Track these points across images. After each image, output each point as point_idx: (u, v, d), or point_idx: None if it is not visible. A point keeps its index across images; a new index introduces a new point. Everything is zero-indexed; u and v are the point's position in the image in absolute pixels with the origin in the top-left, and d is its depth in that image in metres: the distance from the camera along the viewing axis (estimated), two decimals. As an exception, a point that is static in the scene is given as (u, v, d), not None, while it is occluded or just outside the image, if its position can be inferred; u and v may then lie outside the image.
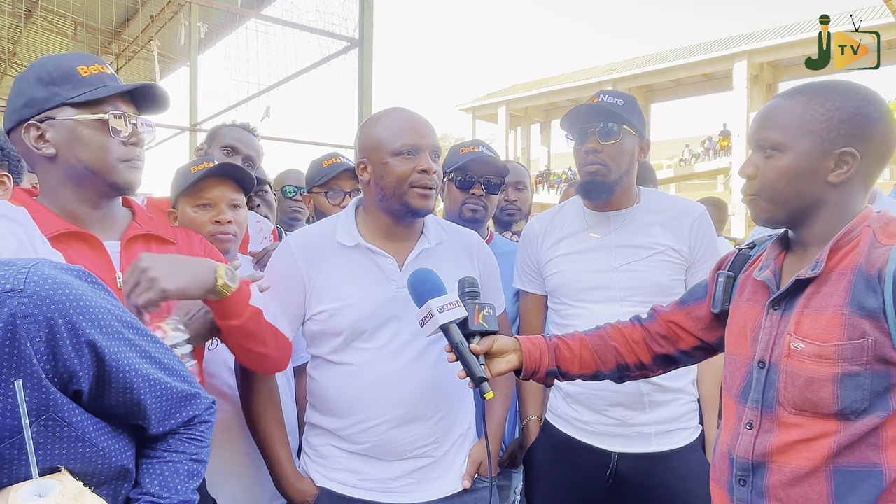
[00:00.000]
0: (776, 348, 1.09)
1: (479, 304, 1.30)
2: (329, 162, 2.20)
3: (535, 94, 29.92)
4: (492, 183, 2.04)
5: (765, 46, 22.74)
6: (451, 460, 1.53)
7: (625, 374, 1.40)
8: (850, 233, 1.06)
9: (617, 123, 1.68)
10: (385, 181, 1.44)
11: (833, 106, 1.05)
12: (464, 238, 1.63)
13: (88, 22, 10.81)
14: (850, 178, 1.06)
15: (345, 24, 5.87)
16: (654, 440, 1.70)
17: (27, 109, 1.19)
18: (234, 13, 6.42)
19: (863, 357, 0.98)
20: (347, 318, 1.44)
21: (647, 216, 1.75)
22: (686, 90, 27.77)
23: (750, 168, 1.14)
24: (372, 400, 1.44)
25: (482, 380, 1.23)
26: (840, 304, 1.02)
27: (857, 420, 0.99)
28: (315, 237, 1.53)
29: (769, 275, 1.15)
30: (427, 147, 1.45)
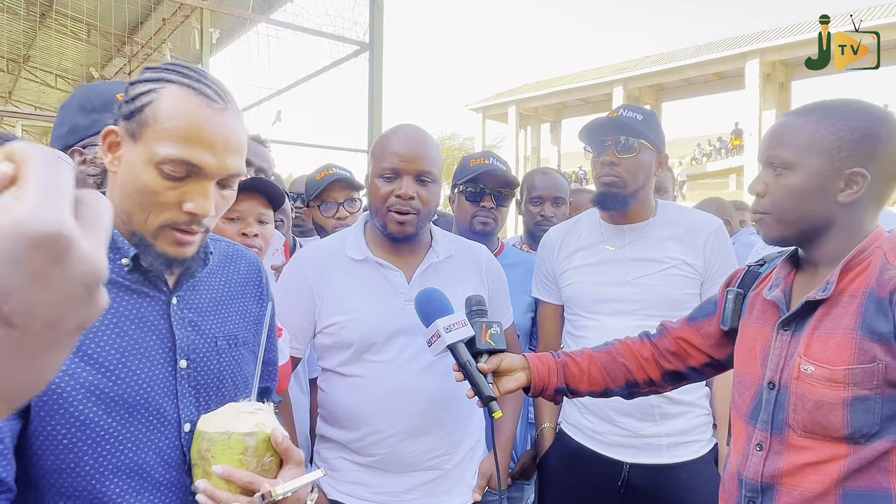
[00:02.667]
0: (786, 370, 1.09)
1: (487, 323, 1.30)
2: (322, 174, 2.19)
3: (546, 94, 29.82)
4: (502, 195, 2.05)
5: (777, 45, 22.54)
6: (461, 473, 1.54)
7: (634, 390, 1.40)
8: (860, 253, 1.05)
9: (635, 138, 1.69)
10: (370, 200, 1.50)
11: (844, 126, 1.04)
12: (473, 252, 1.64)
13: (102, 25, 10.93)
14: (861, 199, 1.05)
15: (355, 28, 5.89)
16: (665, 451, 1.70)
17: (71, 136, 1.26)
18: (246, 18, 6.46)
19: (873, 381, 0.98)
20: (356, 330, 1.45)
21: (661, 230, 1.76)
22: (697, 89, 27.57)
23: (759, 185, 1.14)
24: (382, 412, 1.45)
25: (490, 399, 1.24)
26: (850, 327, 1.01)
27: (867, 444, 0.99)
28: (324, 251, 1.55)
29: (779, 294, 1.15)
30: (410, 172, 1.44)
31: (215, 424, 0.89)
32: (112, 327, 0.89)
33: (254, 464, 0.87)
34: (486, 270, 1.63)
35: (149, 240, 0.90)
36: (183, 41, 9.68)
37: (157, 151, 0.85)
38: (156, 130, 0.85)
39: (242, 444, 0.87)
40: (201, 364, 0.99)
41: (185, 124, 0.85)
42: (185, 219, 0.88)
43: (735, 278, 1.31)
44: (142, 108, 0.87)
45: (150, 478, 0.91)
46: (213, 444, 0.87)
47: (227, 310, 1.05)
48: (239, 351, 1.05)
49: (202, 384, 0.98)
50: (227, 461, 0.86)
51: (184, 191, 0.87)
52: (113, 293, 0.89)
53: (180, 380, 0.96)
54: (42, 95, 15.48)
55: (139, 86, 0.89)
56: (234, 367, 1.03)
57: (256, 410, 0.91)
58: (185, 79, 0.88)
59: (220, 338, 1.02)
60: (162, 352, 0.94)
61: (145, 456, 0.90)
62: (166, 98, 0.86)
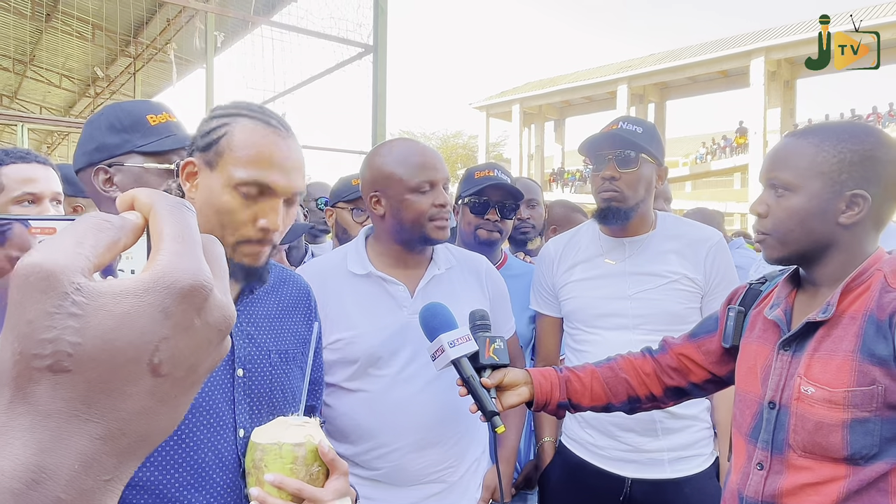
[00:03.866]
0: (786, 390, 1.10)
1: (490, 338, 1.31)
2: (358, 181, 2.24)
3: (549, 92, 29.79)
4: (506, 207, 2.05)
5: (782, 43, 22.46)
6: (465, 485, 1.54)
7: (636, 406, 1.40)
8: (861, 275, 1.06)
9: (635, 151, 1.68)
10: (403, 215, 1.47)
11: (845, 148, 1.05)
12: (473, 263, 1.65)
13: (107, 25, 10.96)
14: (861, 220, 1.06)
15: (359, 30, 5.89)
16: (667, 466, 1.70)
17: (98, 153, 1.27)
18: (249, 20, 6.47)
19: (872, 404, 0.98)
20: (362, 346, 1.46)
21: (662, 243, 1.75)
22: (702, 87, 27.50)
23: (761, 206, 1.14)
24: (387, 426, 1.46)
25: (493, 414, 1.25)
26: (850, 349, 1.02)
27: (867, 465, 0.99)
28: (327, 267, 1.56)
29: (780, 314, 1.16)
30: (442, 181, 1.49)
31: (267, 436, 0.95)
32: None
33: (303, 472, 0.93)
34: (487, 280, 1.64)
35: (228, 254, 0.99)
36: (187, 42, 9.71)
37: (235, 175, 0.97)
38: (232, 158, 0.97)
39: (292, 454, 0.93)
40: (256, 374, 1.06)
41: (256, 151, 0.98)
42: (258, 235, 1.00)
43: (737, 296, 1.32)
44: (217, 139, 0.98)
45: (207, 477, 0.98)
46: (265, 454, 0.93)
47: (279, 327, 1.14)
48: (289, 366, 1.13)
49: (255, 393, 1.06)
50: (279, 470, 0.92)
51: (257, 209, 0.99)
52: None
53: (237, 387, 1.03)
54: (47, 95, 15.55)
55: (212, 121, 1.00)
56: (283, 380, 1.11)
57: (304, 423, 0.98)
58: (253, 113, 1.02)
59: (273, 352, 1.10)
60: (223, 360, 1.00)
61: (204, 456, 0.97)
62: (239, 130, 0.99)
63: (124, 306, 0.27)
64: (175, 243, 0.29)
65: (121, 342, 0.27)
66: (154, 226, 0.30)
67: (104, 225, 0.29)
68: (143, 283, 0.28)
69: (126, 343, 0.27)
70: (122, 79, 13.27)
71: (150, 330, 0.27)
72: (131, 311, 0.27)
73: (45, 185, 1.58)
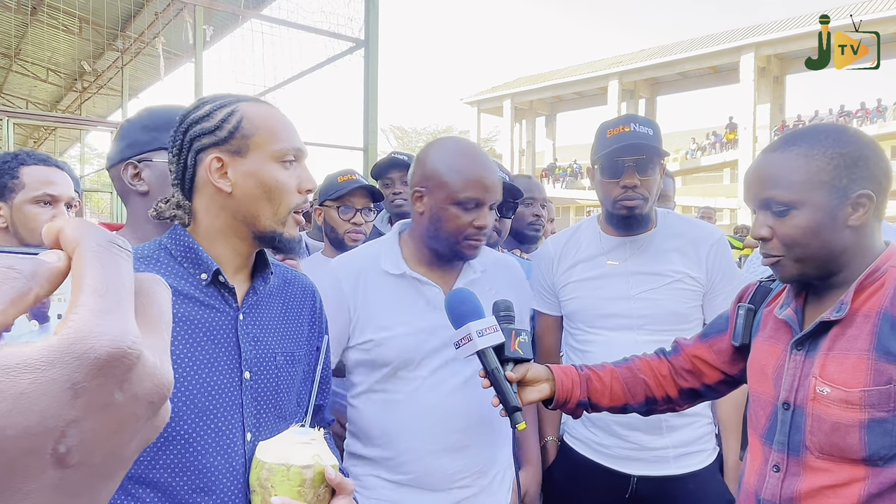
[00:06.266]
0: (801, 391, 1.08)
1: (516, 330, 1.28)
2: (345, 178, 2.20)
3: (540, 88, 29.79)
4: (505, 206, 2.02)
5: (772, 39, 22.58)
6: (495, 490, 1.51)
7: (653, 407, 1.38)
8: (874, 272, 1.05)
9: (655, 156, 1.64)
10: (441, 224, 1.41)
11: (835, 153, 1.03)
12: (506, 266, 1.62)
13: (94, 19, 10.82)
14: (869, 219, 1.05)
15: (350, 24, 5.85)
16: (672, 462, 1.69)
17: (129, 150, 1.31)
18: (239, 14, 6.41)
19: (890, 403, 0.96)
20: (394, 348, 1.42)
21: (664, 241, 1.72)
22: (692, 83, 27.60)
23: (764, 230, 1.10)
24: (417, 430, 1.42)
25: (515, 409, 1.21)
26: (866, 348, 1.00)
27: (886, 467, 0.97)
28: (360, 264, 1.50)
29: (791, 314, 1.14)
30: (490, 201, 1.41)
31: (274, 455, 0.94)
32: (187, 337, 0.99)
33: (310, 495, 0.92)
34: (517, 285, 1.61)
35: (279, 230, 1.03)
36: (176, 36, 9.61)
37: (275, 149, 1.01)
38: (263, 137, 1.01)
39: (300, 477, 0.92)
40: (262, 377, 1.06)
41: (277, 124, 1.03)
42: (302, 200, 1.05)
43: (747, 293, 1.30)
44: (238, 126, 1.01)
45: (216, 480, 0.98)
46: (272, 475, 0.92)
47: (285, 329, 1.14)
48: (295, 368, 1.13)
49: (262, 396, 1.06)
50: (286, 492, 0.91)
51: (297, 175, 1.04)
52: (188, 305, 1.00)
53: (245, 391, 1.03)
54: (34, 90, 15.35)
55: (217, 113, 1.01)
56: (289, 382, 1.11)
57: (311, 441, 0.96)
58: (243, 96, 1.06)
59: (279, 354, 1.10)
60: (229, 363, 1.02)
61: (213, 460, 0.98)
62: (251, 112, 1.02)
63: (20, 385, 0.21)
64: (95, 298, 0.24)
65: (14, 430, 0.21)
66: (75, 272, 0.25)
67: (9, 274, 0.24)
68: (48, 352, 0.22)
69: (21, 431, 0.21)
70: (109, 73, 13.13)
71: (53, 413, 0.22)
72: (29, 390, 0.21)
73: (63, 189, 1.70)
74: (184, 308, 1.00)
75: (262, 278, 1.10)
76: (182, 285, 1.01)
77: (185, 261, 1.03)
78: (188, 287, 1.01)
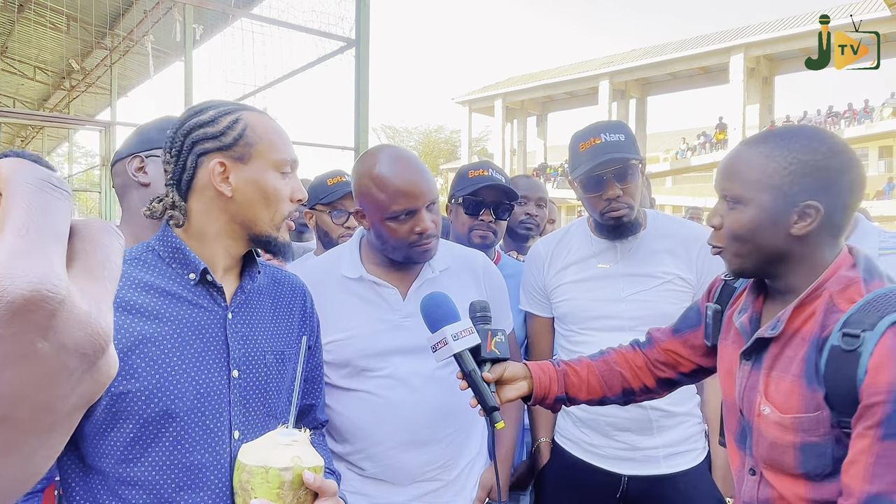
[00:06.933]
0: (747, 402, 1.10)
1: (492, 331, 1.29)
2: (334, 180, 2.17)
3: (532, 87, 29.82)
4: (501, 207, 2.02)
5: (761, 40, 22.72)
6: (462, 484, 1.54)
7: (630, 398, 1.41)
8: (816, 290, 1.03)
9: (632, 152, 1.65)
10: (385, 238, 1.44)
11: (795, 159, 1.01)
12: (469, 261, 1.62)
13: (82, 16, 10.72)
14: (814, 230, 1.02)
15: (341, 23, 5.83)
16: (662, 462, 1.71)
17: (139, 145, 1.36)
18: (229, 13, 6.37)
19: (820, 429, 0.97)
20: (353, 348, 1.45)
21: (654, 243, 1.73)
22: (683, 83, 27.72)
23: (715, 219, 1.12)
24: (381, 425, 1.45)
25: (493, 409, 1.23)
26: (798, 373, 1.00)
27: (824, 482, 0.98)
28: (320, 270, 1.54)
29: (745, 322, 1.14)
30: (423, 205, 1.41)
31: (255, 457, 0.95)
32: (175, 336, 1.01)
33: (290, 497, 0.93)
34: (484, 278, 1.61)
35: (274, 234, 1.08)
36: (165, 34, 9.54)
37: (275, 158, 1.06)
38: (265, 146, 1.06)
39: (279, 479, 0.92)
40: (251, 375, 1.08)
41: (276, 136, 1.08)
42: (294, 208, 1.10)
43: (714, 290, 1.31)
44: (242, 133, 1.04)
45: (203, 477, 1.00)
46: (252, 477, 0.93)
47: (275, 327, 1.16)
48: (285, 367, 1.15)
49: (250, 394, 1.07)
50: (265, 494, 0.92)
51: (291, 185, 1.09)
52: (177, 304, 1.02)
53: (233, 389, 1.05)
54: (21, 88, 15.19)
55: (222, 119, 1.04)
56: (279, 381, 1.13)
57: (293, 442, 0.96)
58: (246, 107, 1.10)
59: (268, 352, 1.11)
60: (218, 361, 1.04)
61: (200, 458, 1.00)
62: (254, 121, 1.06)
63: None
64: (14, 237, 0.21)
65: None
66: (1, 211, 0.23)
67: None
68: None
69: None
70: (98, 71, 13.02)
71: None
72: None
73: None
74: (172, 307, 1.02)
75: (250, 276, 1.13)
76: (170, 285, 1.03)
77: (172, 261, 1.05)
78: (176, 287, 1.03)
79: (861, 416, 0.90)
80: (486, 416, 1.24)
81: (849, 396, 0.92)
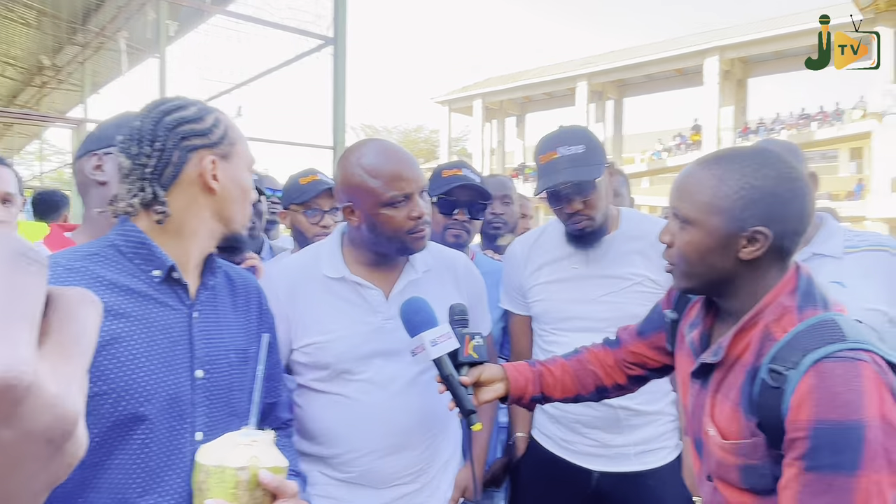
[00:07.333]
0: (697, 421, 1.12)
1: (470, 334, 1.31)
2: (307, 179, 2.14)
3: (511, 88, 29.96)
4: (475, 207, 2.02)
5: (735, 42, 23.08)
6: (436, 484, 1.54)
7: (604, 394, 1.43)
8: (753, 318, 1.04)
9: (588, 177, 1.60)
10: (379, 229, 1.41)
11: (746, 184, 1.01)
12: (450, 261, 1.62)
13: (53, 11, 10.49)
14: (763, 256, 1.03)
15: (318, 21, 5.79)
16: (633, 459, 1.73)
17: (96, 143, 1.36)
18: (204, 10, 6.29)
19: (758, 453, 1.00)
20: (333, 351, 1.43)
21: (625, 244, 1.74)
22: (659, 85, 28.06)
23: (666, 236, 1.13)
24: (360, 431, 1.43)
25: (471, 412, 1.25)
26: (736, 401, 1.03)
27: (769, 497, 1.00)
28: (298, 269, 1.51)
29: (695, 338, 1.15)
30: (417, 190, 1.42)
31: (212, 457, 0.93)
32: (144, 336, 0.99)
33: (246, 498, 0.91)
34: (464, 279, 1.61)
35: (242, 232, 1.12)
36: (139, 31, 9.38)
37: (249, 159, 1.13)
38: (242, 146, 1.11)
39: (235, 479, 0.90)
40: (215, 375, 1.07)
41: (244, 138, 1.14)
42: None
43: (672, 296, 1.32)
44: (226, 132, 1.08)
45: (169, 480, 0.98)
46: (208, 477, 0.91)
47: (236, 326, 1.15)
48: (247, 365, 1.14)
49: (215, 395, 1.06)
50: (221, 495, 0.90)
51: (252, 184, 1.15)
52: (142, 303, 1.00)
53: (196, 389, 1.04)
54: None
55: (207, 117, 1.07)
56: (242, 379, 1.12)
57: (252, 442, 0.94)
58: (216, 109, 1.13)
59: (231, 351, 1.11)
60: (183, 362, 1.03)
61: (166, 459, 0.98)
62: (229, 123, 1.11)
63: None
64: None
65: None
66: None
67: None
68: None
69: None
70: (69, 68, 12.77)
71: None
72: None
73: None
74: (138, 306, 0.99)
75: (212, 273, 1.12)
76: (133, 283, 1.00)
77: (135, 257, 1.02)
78: (140, 284, 1.01)
79: (787, 447, 0.94)
80: (465, 419, 1.25)
81: (777, 427, 0.95)
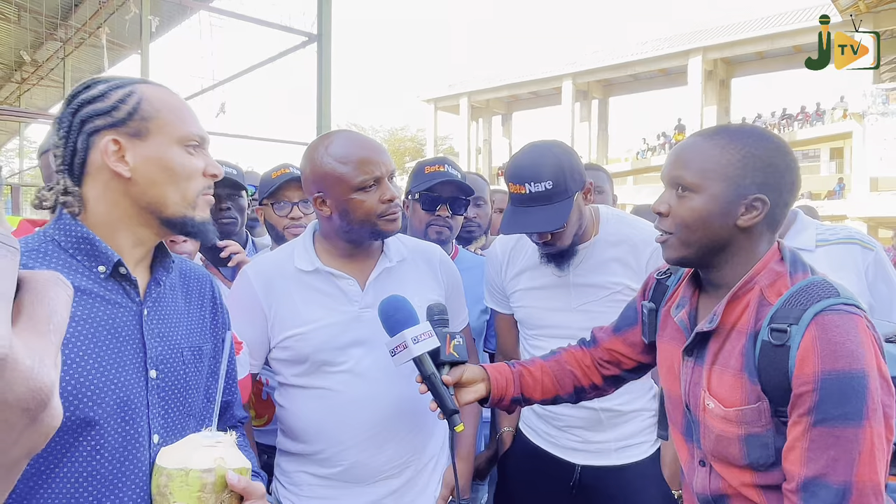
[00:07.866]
0: (693, 398, 1.13)
1: (451, 334, 1.30)
2: (277, 173, 2.10)
3: (497, 87, 29.97)
4: (457, 203, 2.02)
5: (718, 43, 23.28)
6: (426, 481, 1.53)
7: (582, 395, 1.44)
8: (748, 283, 1.07)
9: (558, 216, 1.55)
10: (351, 216, 1.42)
11: (748, 153, 1.05)
12: (426, 253, 1.62)
13: (33, 6, 10.34)
14: (758, 223, 1.07)
15: (302, 18, 5.77)
16: (614, 454, 1.76)
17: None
18: (188, 6, 6.24)
19: (762, 420, 1.01)
20: (312, 342, 1.42)
21: (605, 251, 1.71)
22: (643, 84, 28.22)
23: (663, 206, 1.14)
24: (342, 423, 1.43)
25: (453, 412, 1.24)
26: (738, 367, 1.04)
27: (769, 472, 1.03)
28: (273, 265, 1.51)
29: (684, 317, 1.17)
30: (386, 174, 1.43)
31: (174, 459, 0.88)
32: (89, 336, 0.92)
33: (212, 500, 0.87)
34: (441, 270, 1.61)
35: (190, 214, 1.00)
36: (121, 26, 9.28)
37: (178, 133, 0.98)
38: (164, 120, 0.97)
39: (200, 482, 0.86)
40: (169, 375, 1.01)
41: (179, 109, 1.01)
42: (209, 183, 1.03)
43: (648, 288, 1.34)
44: (136, 108, 0.96)
45: (124, 488, 0.92)
46: (171, 481, 0.87)
47: (189, 322, 1.09)
48: (201, 363, 1.09)
49: (170, 395, 1.01)
50: (185, 499, 0.86)
51: (202, 160, 1.02)
52: (88, 302, 0.93)
53: (151, 390, 0.98)
54: (-33, 80, 14.60)
55: (113, 93, 0.96)
56: (197, 378, 1.07)
57: (216, 444, 0.91)
58: (141, 80, 1.03)
59: (185, 349, 1.05)
60: (134, 362, 0.97)
61: (119, 466, 0.92)
62: (150, 94, 0.98)
63: None
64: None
65: None
66: None
67: None
68: None
69: None
70: (50, 64, 12.61)
71: None
72: None
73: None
74: (83, 305, 0.92)
75: (164, 268, 1.05)
76: (78, 280, 0.93)
77: (78, 253, 0.95)
78: (85, 282, 0.94)
79: (794, 404, 0.96)
80: (447, 419, 1.25)
81: (782, 387, 0.97)
